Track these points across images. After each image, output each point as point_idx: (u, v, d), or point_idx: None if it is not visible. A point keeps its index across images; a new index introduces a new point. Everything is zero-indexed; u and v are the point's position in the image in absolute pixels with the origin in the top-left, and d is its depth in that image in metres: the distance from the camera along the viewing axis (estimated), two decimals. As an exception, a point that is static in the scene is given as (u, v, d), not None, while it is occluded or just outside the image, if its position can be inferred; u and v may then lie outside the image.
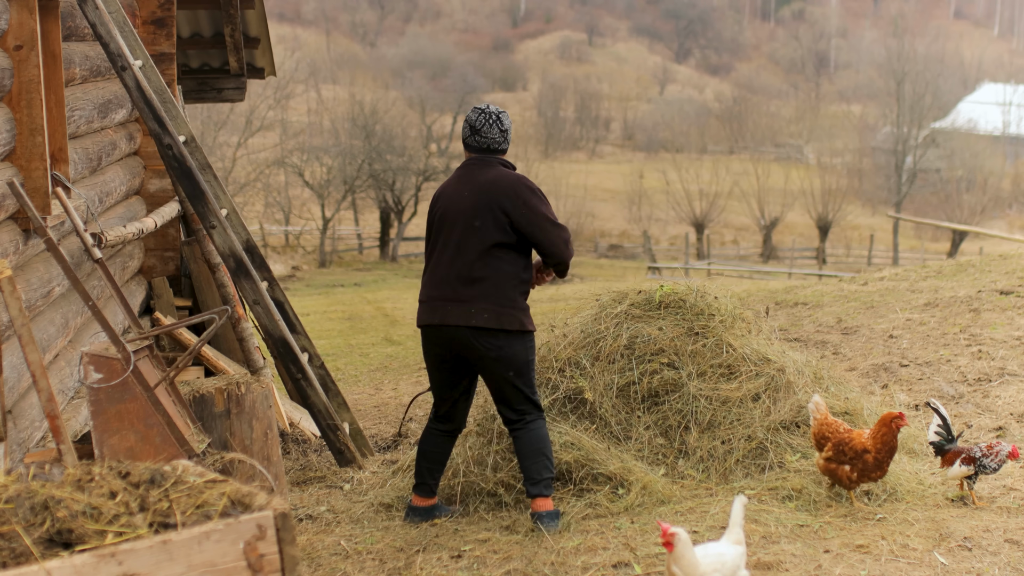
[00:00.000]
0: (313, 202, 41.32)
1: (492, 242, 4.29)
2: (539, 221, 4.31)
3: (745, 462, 4.78)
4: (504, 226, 4.29)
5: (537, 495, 4.32)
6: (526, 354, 4.35)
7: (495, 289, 4.29)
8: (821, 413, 4.46)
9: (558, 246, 4.35)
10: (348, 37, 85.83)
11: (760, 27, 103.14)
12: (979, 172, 45.15)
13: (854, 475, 4.30)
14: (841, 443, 4.33)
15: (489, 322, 4.26)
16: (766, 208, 41.53)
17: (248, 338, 6.24)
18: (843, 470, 4.31)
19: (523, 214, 4.29)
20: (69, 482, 2.04)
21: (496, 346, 4.28)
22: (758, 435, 4.85)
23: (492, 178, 4.35)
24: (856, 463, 4.29)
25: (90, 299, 4.03)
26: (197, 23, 8.66)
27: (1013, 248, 13.58)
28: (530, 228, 4.30)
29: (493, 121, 4.42)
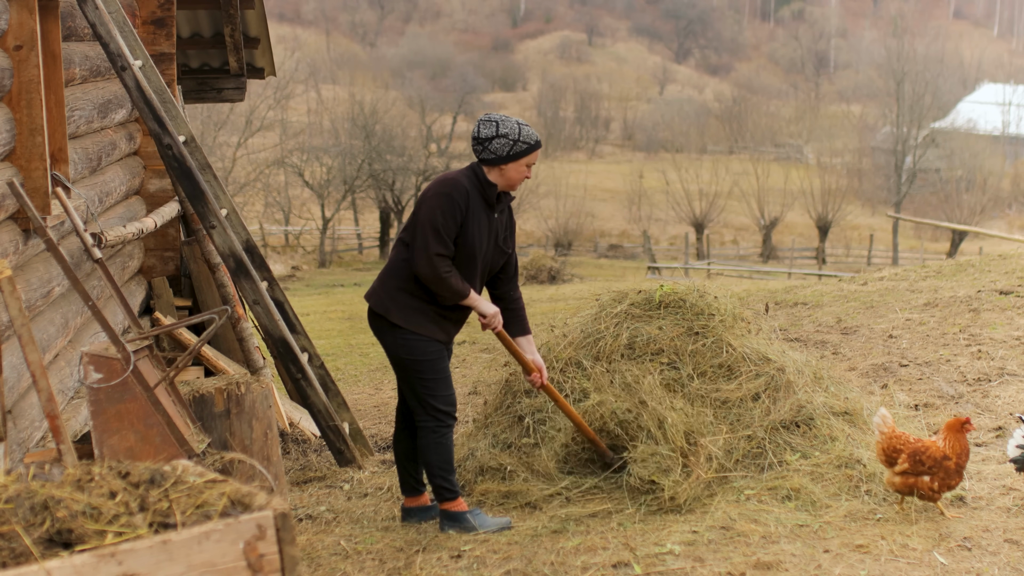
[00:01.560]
0: (313, 202, 41.33)
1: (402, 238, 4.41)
2: (418, 224, 4.29)
3: (745, 461, 4.78)
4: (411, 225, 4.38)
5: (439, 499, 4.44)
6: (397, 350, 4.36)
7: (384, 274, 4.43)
8: (888, 426, 4.28)
9: (418, 253, 4.25)
10: (348, 37, 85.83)
11: (760, 27, 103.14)
12: (979, 172, 45.15)
13: (935, 484, 4.16)
14: (917, 453, 4.16)
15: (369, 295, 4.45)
16: (766, 208, 41.54)
17: (248, 338, 6.25)
18: (923, 481, 4.16)
19: (417, 208, 4.33)
20: (69, 482, 2.04)
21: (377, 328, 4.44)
22: (758, 435, 4.85)
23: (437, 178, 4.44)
24: (937, 472, 4.14)
25: (90, 299, 4.03)
26: (197, 23, 8.66)
27: (1013, 248, 13.58)
28: (415, 224, 4.32)
29: (475, 128, 4.43)
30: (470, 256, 4.33)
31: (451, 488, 4.42)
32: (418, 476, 4.63)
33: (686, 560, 3.82)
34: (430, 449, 4.41)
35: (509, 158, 4.34)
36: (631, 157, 64.14)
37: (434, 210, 4.24)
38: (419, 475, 4.64)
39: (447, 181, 4.32)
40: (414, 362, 4.37)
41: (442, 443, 4.42)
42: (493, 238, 4.42)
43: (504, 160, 4.35)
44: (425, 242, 4.23)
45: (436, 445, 4.41)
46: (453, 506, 4.42)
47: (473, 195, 4.32)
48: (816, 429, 4.87)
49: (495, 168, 4.37)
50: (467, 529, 4.36)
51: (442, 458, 4.42)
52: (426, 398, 4.38)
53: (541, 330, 5.59)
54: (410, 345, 4.36)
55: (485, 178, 4.37)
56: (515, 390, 5.28)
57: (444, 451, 4.42)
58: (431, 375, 4.38)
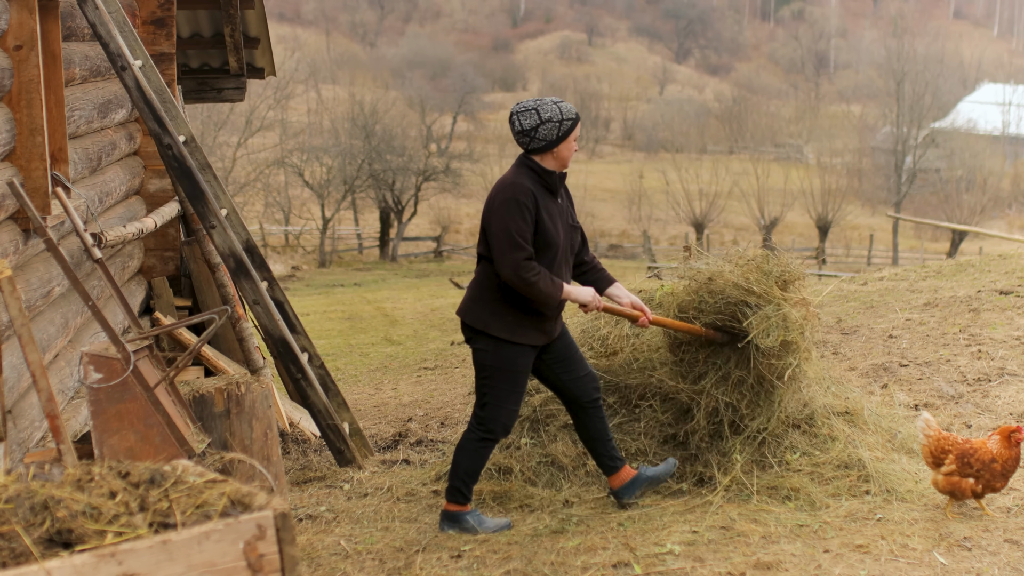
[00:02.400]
0: (313, 202, 41.33)
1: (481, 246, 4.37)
2: (494, 237, 4.24)
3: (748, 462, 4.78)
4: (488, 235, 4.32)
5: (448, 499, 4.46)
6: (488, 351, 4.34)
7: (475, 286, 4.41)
8: (934, 429, 4.30)
9: (500, 263, 4.21)
10: (348, 37, 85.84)
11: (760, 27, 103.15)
12: (979, 172, 45.15)
13: (979, 487, 4.18)
14: (965, 454, 4.18)
15: (461, 311, 4.43)
16: (766, 208, 41.54)
17: (248, 338, 6.25)
18: (967, 483, 4.18)
19: (488, 220, 4.28)
20: (69, 482, 2.04)
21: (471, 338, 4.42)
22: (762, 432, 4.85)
23: (495, 185, 4.37)
24: (983, 474, 4.16)
25: (90, 299, 4.03)
26: (197, 23, 8.66)
27: (1013, 248, 13.58)
28: (490, 235, 4.27)
29: (513, 124, 4.32)
30: (552, 249, 4.30)
31: (466, 495, 4.43)
32: (611, 453, 4.56)
33: (686, 560, 3.82)
34: (466, 452, 4.42)
35: (559, 140, 4.28)
36: (631, 157, 64.14)
37: (504, 219, 4.19)
38: (612, 452, 4.57)
39: (508, 186, 4.24)
40: (498, 370, 4.34)
41: (481, 452, 4.43)
42: (565, 220, 4.39)
43: (555, 144, 4.28)
44: (503, 252, 4.18)
45: (474, 451, 4.42)
46: (457, 508, 4.43)
47: (536, 190, 4.26)
48: (816, 428, 4.87)
49: (547, 154, 4.30)
50: (466, 530, 4.37)
51: (474, 466, 4.43)
52: (491, 406, 4.37)
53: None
54: (503, 354, 4.33)
55: (541, 167, 4.30)
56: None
57: (479, 460, 4.43)
58: (507, 388, 4.36)
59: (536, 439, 5.07)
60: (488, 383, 4.37)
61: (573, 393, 4.51)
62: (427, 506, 4.76)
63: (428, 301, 16.87)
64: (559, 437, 5.04)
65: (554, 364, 4.49)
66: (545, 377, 4.55)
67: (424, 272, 32.60)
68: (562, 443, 5.01)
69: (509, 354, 4.32)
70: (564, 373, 4.50)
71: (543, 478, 4.88)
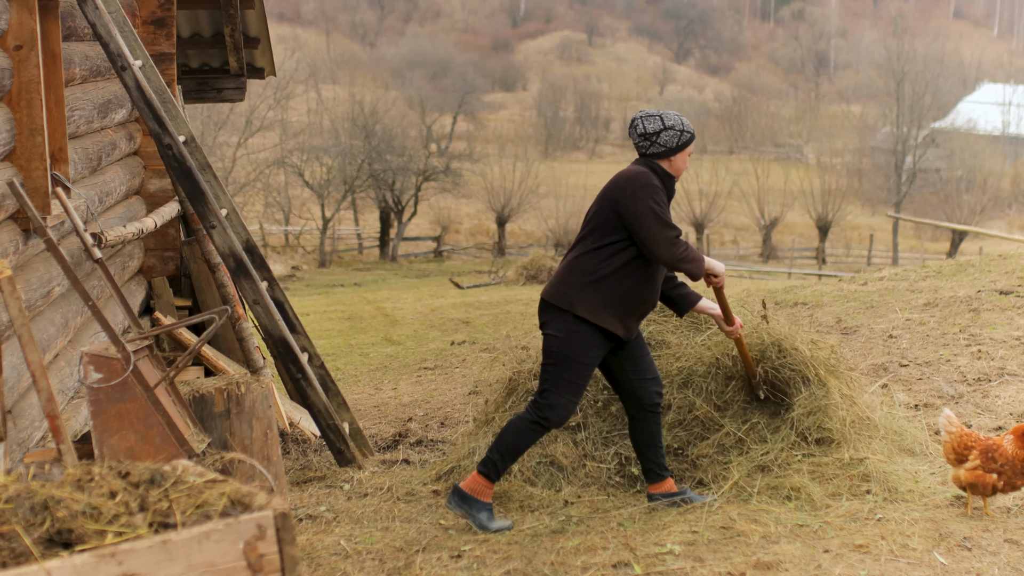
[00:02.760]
0: (313, 202, 41.34)
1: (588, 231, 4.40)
2: (639, 219, 4.28)
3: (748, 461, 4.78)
4: (612, 224, 4.34)
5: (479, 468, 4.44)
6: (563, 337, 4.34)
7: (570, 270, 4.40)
8: (956, 426, 4.33)
9: (654, 244, 4.26)
10: (348, 37, 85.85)
11: (760, 27, 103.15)
12: (979, 172, 45.15)
13: (1000, 483, 4.19)
14: (989, 450, 4.20)
15: (547, 292, 4.43)
16: (766, 208, 41.54)
17: (248, 338, 6.25)
18: (990, 478, 4.19)
19: (627, 206, 4.30)
20: (69, 482, 2.05)
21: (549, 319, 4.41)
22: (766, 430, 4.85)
23: (615, 177, 4.44)
24: (1005, 469, 4.18)
25: (90, 299, 4.03)
26: (197, 23, 8.66)
27: (1013, 248, 13.58)
28: (631, 221, 4.30)
29: (635, 127, 4.47)
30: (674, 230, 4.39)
31: (498, 470, 4.39)
32: (659, 461, 4.59)
33: (686, 560, 3.82)
34: (515, 429, 4.40)
35: (678, 148, 4.44)
36: (631, 157, 63.94)
37: (647, 201, 4.29)
38: (660, 460, 4.59)
39: (641, 173, 4.35)
40: (565, 357, 4.35)
41: (529, 435, 4.40)
42: None
43: (674, 151, 4.43)
44: (654, 233, 4.26)
45: (523, 431, 4.39)
46: (478, 488, 4.38)
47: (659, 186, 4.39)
48: (825, 428, 4.87)
49: (665, 160, 4.45)
50: (469, 517, 4.36)
51: (517, 444, 4.40)
52: (551, 393, 4.37)
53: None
54: (574, 342, 4.34)
55: (663, 170, 4.45)
56: (519, 390, 5.29)
57: (524, 441, 4.40)
58: (570, 377, 4.36)
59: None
60: (552, 370, 4.36)
61: (637, 394, 4.54)
62: (427, 506, 4.76)
63: (428, 301, 16.87)
64: (559, 438, 5.04)
65: (625, 361, 4.52)
66: (613, 374, 4.58)
67: (424, 272, 32.61)
68: (562, 444, 5.01)
69: (580, 343, 4.34)
70: (633, 372, 4.53)
71: (543, 478, 4.89)
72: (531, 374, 5.32)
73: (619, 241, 4.34)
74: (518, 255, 35.02)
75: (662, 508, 4.49)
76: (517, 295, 16.41)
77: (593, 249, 4.37)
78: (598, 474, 4.91)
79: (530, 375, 5.33)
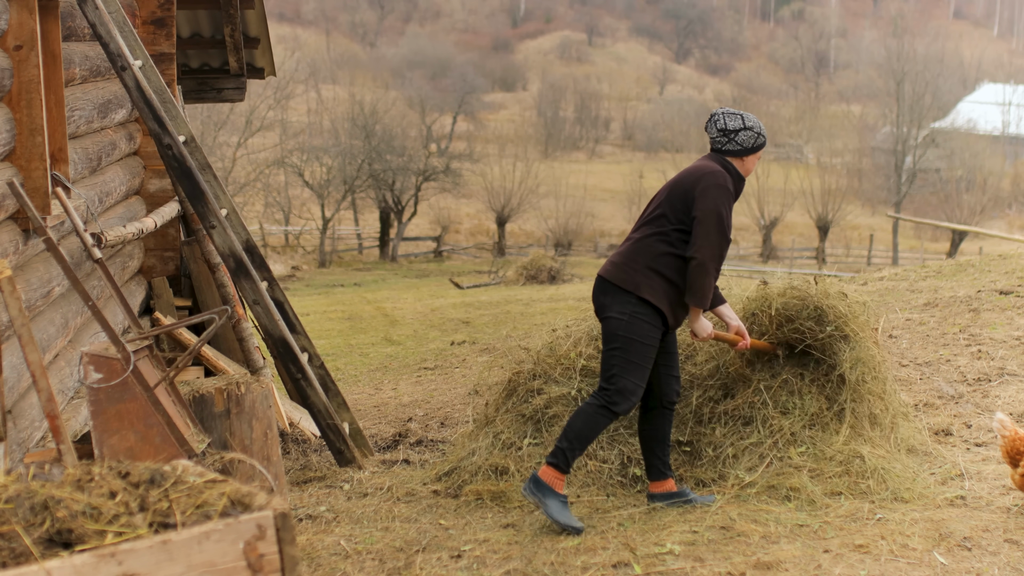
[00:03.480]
0: (313, 202, 41.34)
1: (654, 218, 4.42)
2: (706, 210, 4.32)
3: (745, 459, 4.78)
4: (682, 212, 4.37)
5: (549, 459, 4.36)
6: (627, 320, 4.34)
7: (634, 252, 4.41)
8: (1010, 429, 4.33)
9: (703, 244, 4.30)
10: (348, 37, 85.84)
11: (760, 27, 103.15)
12: (979, 172, 45.15)
13: None
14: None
15: (610, 273, 4.42)
16: (766, 208, 41.54)
17: (248, 338, 6.25)
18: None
19: (699, 198, 4.34)
20: (69, 482, 2.04)
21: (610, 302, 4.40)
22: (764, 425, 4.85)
23: (695, 165, 4.49)
24: None
25: (90, 299, 4.03)
26: (197, 23, 8.66)
27: (1013, 248, 13.57)
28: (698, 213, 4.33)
29: (715, 122, 4.52)
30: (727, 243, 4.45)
31: (567, 461, 4.33)
32: (665, 459, 4.59)
33: (686, 560, 3.82)
34: (584, 415, 4.35)
35: (753, 150, 4.53)
36: (631, 157, 64.13)
37: (718, 203, 4.33)
38: (666, 458, 4.60)
39: (721, 174, 4.40)
40: (630, 340, 4.35)
41: (598, 420, 4.35)
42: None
43: (748, 152, 4.52)
44: (710, 235, 4.31)
45: (591, 416, 4.35)
46: (550, 479, 4.31)
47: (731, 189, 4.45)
48: (824, 427, 4.87)
49: (737, 159, 4.52)
50: (541, 506, 4.28)
51: (587, 431, 4.35)
52: (619, 376, 4.35)
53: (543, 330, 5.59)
54: (637, 325, 4.35)
55: (736, 170, 4.52)
56: (519, 391, 5.29)
57: (594, 428, 4.35)
58: (638, 359, 4.36)
59: (538, 440, 5.07)
60: (618, 353, 4.35)
61: (660, 389, 4.55)
62: (427, 506, 4.76)
63: (428, 301, 16.87)
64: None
65: (660, 354, 4.53)
66: None
67: (424, 272, 32.61)
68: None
69: (644, 325, 4.35)
70: (663, 366, 4.55)
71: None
72: (531, 374, 5.32)
73: (687, 231, 4.38)
74: (518, 255, 35.02)
75: (662, 508, 4.49)
76: (517, 295, 16.41)
77: (659, 233, 4.40)
78: (599, 474, 4.91)
79: (530, 375, 5.33)
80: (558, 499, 4.29)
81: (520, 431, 5.11)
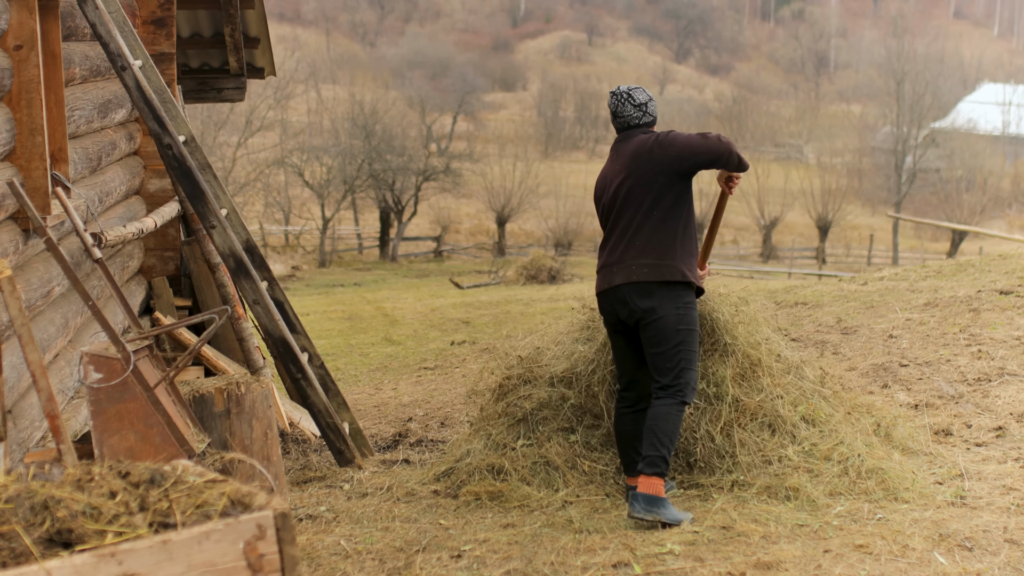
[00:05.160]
0: (313, 202, 41.34)
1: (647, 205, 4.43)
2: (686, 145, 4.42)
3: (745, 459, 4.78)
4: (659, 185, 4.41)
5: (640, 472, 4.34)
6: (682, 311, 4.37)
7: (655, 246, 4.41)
8: None
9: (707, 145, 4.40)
10: (348, 37, 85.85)
11: (760, 27, 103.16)
12: (979, 172, 45.15)
13: None
14: None
15: (648, 275, 4.38)
16: (766, 208, 41.53)
17: (248, 338, 6.25)
18: None
19: (670, 153, 4.42)
20: (69, 482, 2.04)
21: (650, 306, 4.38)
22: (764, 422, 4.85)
23: (634, 145, 4.53)
24: None
25: (90, 299, 4.03)
26: (197, 23, 8.66)
27: (1013, 248, 13.57)
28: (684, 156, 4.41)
29: (625, 99, 4.60)
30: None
31: (668, 461, 4.32)
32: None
33: (686, 560, 3.82)
34: (668, 418, 4.33)
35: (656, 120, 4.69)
36: (631, 157, 63.95)
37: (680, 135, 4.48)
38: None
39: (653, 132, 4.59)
40: (691, 332, 4.40)
41: (680, 417, 4.38)
42: None
43: (654, 122, 4.68)
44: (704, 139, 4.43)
45: (675, 417, 4.36)
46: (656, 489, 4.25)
47: None
48: (820, 426, 4.87)
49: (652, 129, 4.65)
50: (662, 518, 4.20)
51: (676, 431, 4.36)
52: (686, 370, 4.38)
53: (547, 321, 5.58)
54: (691, 311, 4.40)
55: None
56: (509, 396, 5.28)
57: (677, 426, 4.37)
58: (696, 347, 4.43)
59: (532, 440, 5.06)
60: (681, 349, 4.37)
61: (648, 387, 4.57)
62: (427, 506, 4.76)
63: (428, 301, 16.88)
64: (553, 439, 5.04)
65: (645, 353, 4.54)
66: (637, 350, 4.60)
67: (424, 272, 32.61)
68: (556, 444, 5.01)
69: (693, 312, 4.43)
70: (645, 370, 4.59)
71: (538, 477, 4.88)
72: (520, 379, 5.30)
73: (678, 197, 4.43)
74: (518, 255, 35.03)
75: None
76: (517, 295, 16.42)
77: (661, 217, 4.43)
78: (595, 473, 4.90)
79: (520, 380, 5.30)
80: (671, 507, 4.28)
81: (514, 432, 5.12)
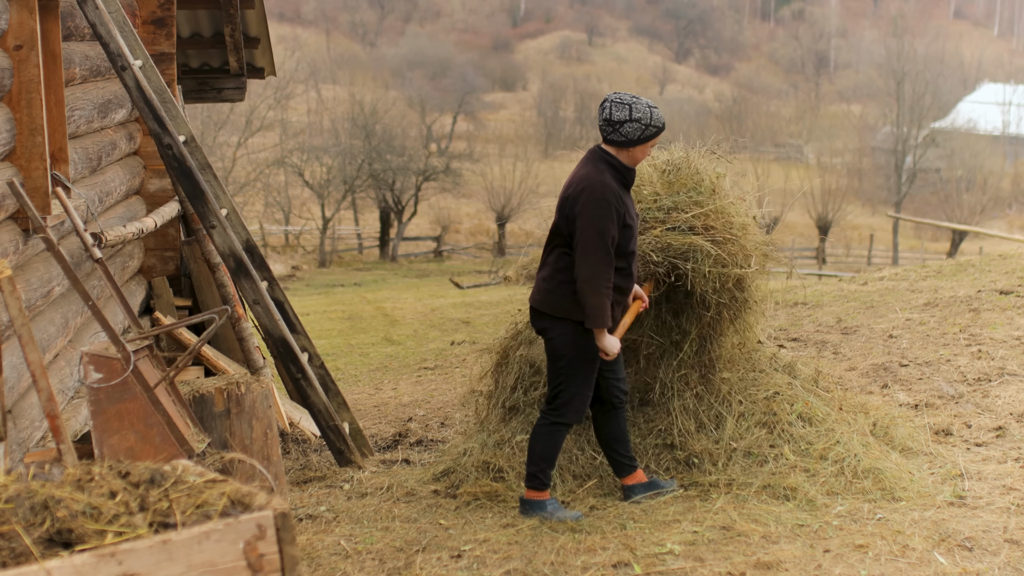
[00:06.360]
0: (313, 202, 41.33)
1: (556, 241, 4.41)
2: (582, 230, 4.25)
3: (743, 459, 4.78)
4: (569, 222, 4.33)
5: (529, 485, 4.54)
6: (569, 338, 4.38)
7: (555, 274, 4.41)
8: None
9: (583, 263, 4.25)
10: (348, 37, 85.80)
11: (760, 27, 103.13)
12: (979, 172, 45.14)
13: None
14: None
15: (541, 304, 4.44)
16: (766, 208, 41.45)
17: (248, 338, 6.24)
18: None
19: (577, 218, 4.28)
20: (69, 482, 2.04)
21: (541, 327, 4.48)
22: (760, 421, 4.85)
23: (579, 173, 4.37)
24: None
25: (90, 299, 4.03)
26: (197, 23, 8.66)
27: (1013, 248, 13.57)
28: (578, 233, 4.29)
29: (606, 109, 4.36)
30: (633, 241, 4.36)
31: (543, 480, 4.50)
32: (628, 454, 4.66)
33: (686, 560, 3.82)
34: (541, 437, 4.50)
35: (639, 141, 4.34)
36: (631, 157, 63.94)
37: (595, 219, 4.22)
38: (629, 452, 4.67)
39: (598, 185, 4.26)
40: (576, 357, 4.41)
41: (555, 437, 4.51)
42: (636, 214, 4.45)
43: (634, 143, 4.34)
44: (588, 253, 4.24)
45: (548, 436, 4.50)
46: (536, 495, 4.51)
47: (619, 188, 4.32)
48: (817, 426, 4.87)
49: (623, 150, 4.36)
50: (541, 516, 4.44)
51: (548, 451, 4.50)
52: (566, 392, 4.45)
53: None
54: (581, 341, 4.38)
55: (620, 163, 4.36)
56: (503, 403, 5.29)
57: (554, 445, 4.51)
58: (583, 374, 4.43)
59: (527, 434, 5.07)
60: (565, 370, 4.42)
61: (607, 393, 4.60)
62: (427, 506, 4.76)
63: (428, 301, 16.87)
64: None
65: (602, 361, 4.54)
66: None
67: (424, 272, 32.60)
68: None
69: (587, 340, 4.39)
70: (608, 371, 4.58)
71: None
72: (509, 389, 5.32)
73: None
74: (518, 255, 35.00)
75: (662, 507, 4.49)
76: (517, 295, 16.40)
77: (564, 248, 4.38)
78: (597, 473, 4.90)
79: (513, 380, 5.32)
80: (548, 503, 4.49)
81: (513, 426, 5.14)
